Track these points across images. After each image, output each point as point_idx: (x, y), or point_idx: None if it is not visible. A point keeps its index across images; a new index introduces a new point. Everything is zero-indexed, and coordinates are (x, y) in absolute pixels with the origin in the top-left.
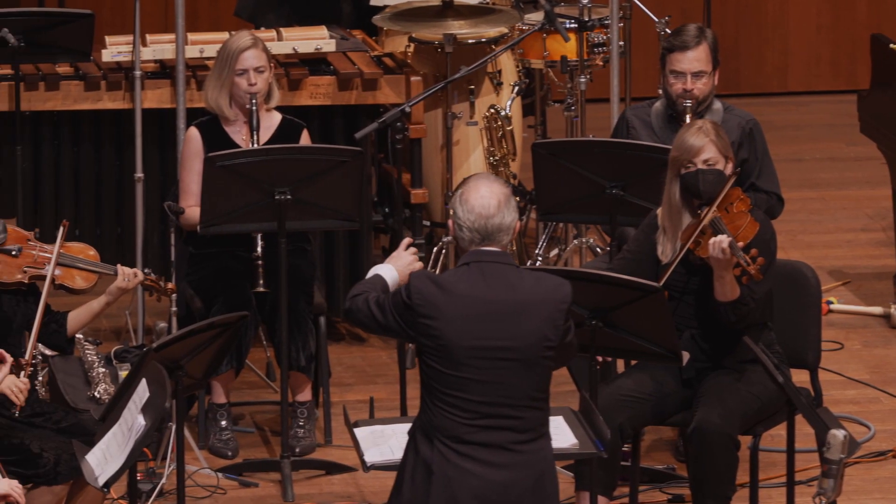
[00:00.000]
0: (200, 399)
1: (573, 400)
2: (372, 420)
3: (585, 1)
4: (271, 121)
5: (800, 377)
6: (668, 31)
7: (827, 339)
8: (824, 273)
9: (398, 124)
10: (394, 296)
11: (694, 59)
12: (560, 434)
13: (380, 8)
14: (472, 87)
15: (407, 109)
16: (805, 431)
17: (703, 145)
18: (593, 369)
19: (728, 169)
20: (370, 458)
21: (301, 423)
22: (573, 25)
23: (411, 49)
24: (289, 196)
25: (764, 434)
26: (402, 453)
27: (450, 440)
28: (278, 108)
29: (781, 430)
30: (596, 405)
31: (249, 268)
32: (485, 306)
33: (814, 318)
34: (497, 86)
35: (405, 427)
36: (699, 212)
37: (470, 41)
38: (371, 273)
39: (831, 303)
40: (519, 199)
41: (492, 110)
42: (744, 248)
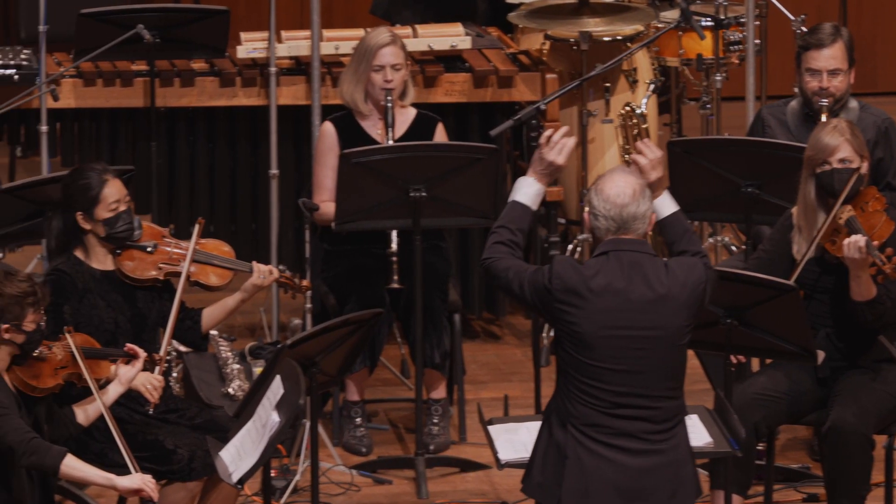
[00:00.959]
0: (335, 396)
1: (708, 398)
2: (506, 418)
3: None
4: (406, 115)
5: None
6: (804, 30)
7: None
8: None
9: (533, 122)
10: (533, 274)
11: (830, 57)
12: (695, 432)
13: (515, 5)
14: (608, 85)
15: (542, 107)
16: None
17: (839, 144)
18: (728, 368)
19: (864, 168)
20: (504, 456)
21: (435, 421)
22: (709, 23)
23: (547, 46)
24: (424, 193)
25: None
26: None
27: (585, 427)
28: (413, 106)
29: None
30: (731, 404)
31: (384, 265)
32: (623, 295)
33: None
34: (632, 84)
35: (539, 425)
36: (834, 211)
37: (606, 39)
38: (512, 195)
39: None
40: None
41: (627, 108)
42: (879, 248)
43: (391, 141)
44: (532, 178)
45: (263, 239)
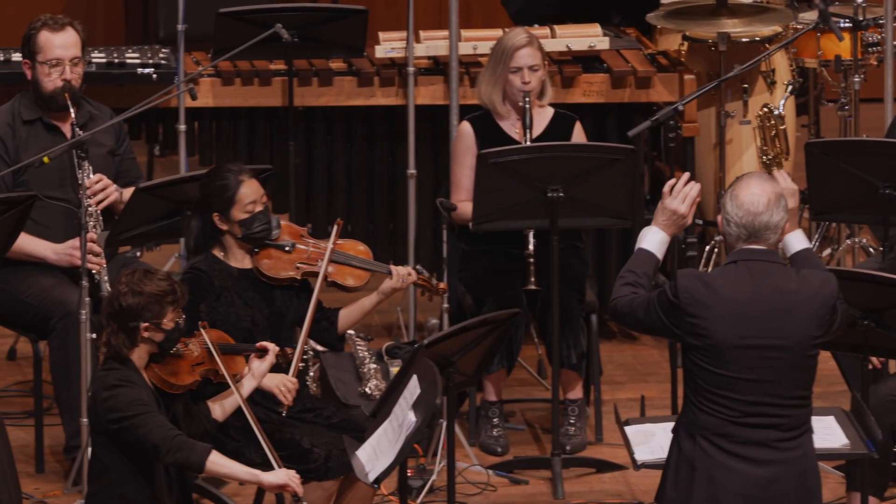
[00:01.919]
0: (472, 396)
1: (844, 400)
2: (643, 418)
3: (860, 0)
4: (544, 115)
5: None
6: None
7: None
8: None
9: (671, 122)
10: (659, 295)
11: None
12: (831, 434)
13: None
14: (746, 86)
15: (680, 108)
16: None
17: None
18: (865, 370)
19: None
20: (640, 457)
21: (572, 421)
22: (847, 25)
23: (685, 47)
24: (561, 193)
25: None
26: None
27: (714, 437)
28: (551, 106)
29: None
30: (868, 406)
31: (521, 265)
32: (753, 305)
33: None
34: (770, 85)
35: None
36: None
37: (744, 40)
38: (637, 243)
39: None
40: None
41: (765, 109)
42: None
43: (529, 141)
44: (656, 228)
45: (401, 239)
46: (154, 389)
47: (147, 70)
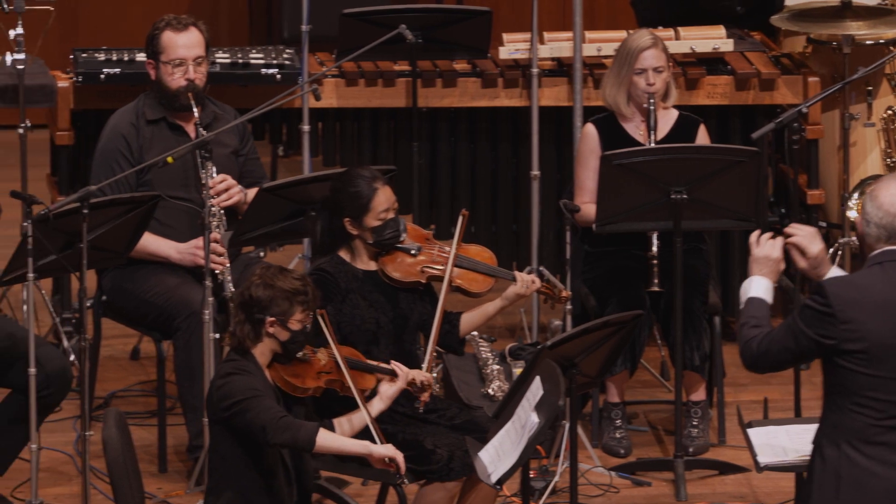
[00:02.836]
0: (594, 397)
1: None
2: (766, 421)
3: None
4: (668, 117)
5: None
6: None
7: None
8: None
9: (795, 125)
10: (801, 312)
11: None
12: None
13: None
14: (870, 89)
15: (804, 110)
16: None
17: None
18: None
19: None
20: (764, 459)
21: (695, 423)
22: None
23: (809, 49)
24: (685, 195)
25: None
26: (796, 456)
27: (858, 443)
28: (675, 108)
29: None
30: None
31: (644, 267)
32: None
33: None
34: (895, 87)
35: (799, 428)
36: None
37: (868, 42)
38: (744, 297)
39: None
40: None
41: (889, 112)
42: None
43: (653, 143)
44: (758, 276)
45: (524, 240)
46: (276, 388)
47: (271, 70)
